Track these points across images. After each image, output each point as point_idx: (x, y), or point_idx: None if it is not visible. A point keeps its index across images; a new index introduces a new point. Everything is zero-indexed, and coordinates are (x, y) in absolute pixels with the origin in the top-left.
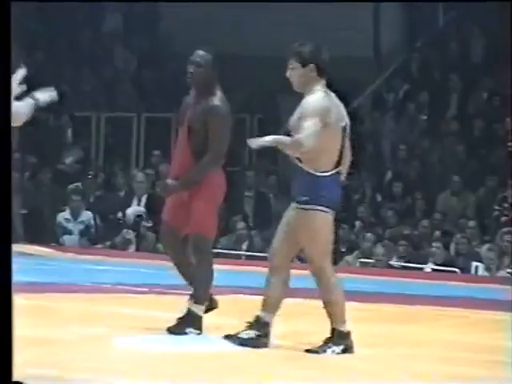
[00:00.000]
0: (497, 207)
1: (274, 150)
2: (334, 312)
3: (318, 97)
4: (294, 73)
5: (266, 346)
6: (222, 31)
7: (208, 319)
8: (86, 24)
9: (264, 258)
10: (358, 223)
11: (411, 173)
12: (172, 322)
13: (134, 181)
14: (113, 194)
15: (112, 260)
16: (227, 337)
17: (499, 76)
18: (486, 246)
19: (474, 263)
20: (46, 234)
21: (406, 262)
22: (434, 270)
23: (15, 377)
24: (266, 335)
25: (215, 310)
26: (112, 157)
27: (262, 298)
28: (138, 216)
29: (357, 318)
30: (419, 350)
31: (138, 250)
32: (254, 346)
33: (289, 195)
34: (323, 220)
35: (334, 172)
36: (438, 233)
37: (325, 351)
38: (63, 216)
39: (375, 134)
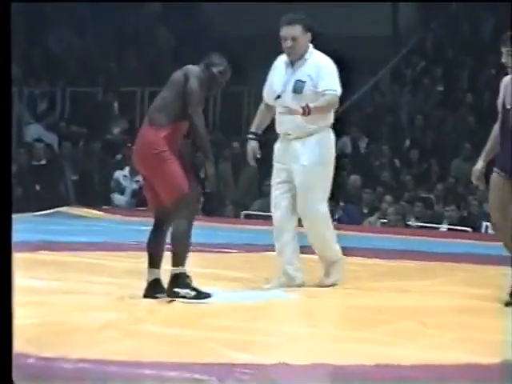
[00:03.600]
0: None
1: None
2: None
3: None
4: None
5: None
6: (256, 12)
7: (243, 273)
8: (130, 7)
9: None
10: (379, 187)
11: (427, 141)
12: (209, 278)
13: None
14: None
15: None
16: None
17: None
18: None
19: (485, 223)
20: (96, 197)
21: (423, 222)
22: (448, 229)
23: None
24: None
25: (250, 266)
26: None
27: None
28: None
29: (378, 272)
30: (433, 301)
31: None
32: None
33: None
34: None
35: None
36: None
37: None
38: (122, 173)
39: (394, 106)
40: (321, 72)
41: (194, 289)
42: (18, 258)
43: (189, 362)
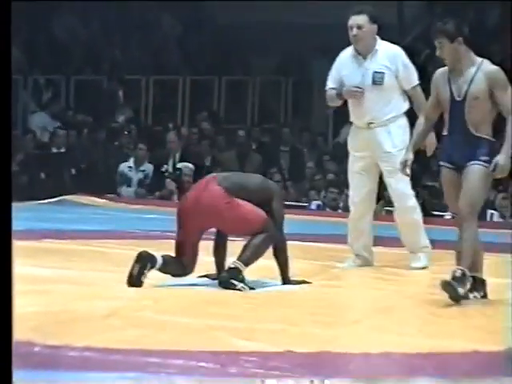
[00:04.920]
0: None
1: (307, 108)
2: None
3: (496, 67)
4: (445, 50)
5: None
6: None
7: None
8: None
9: (298, 207)
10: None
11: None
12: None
13: (168, 140)
14: (162, 149)
15: (160, 209)
16: (445, 283)
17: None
18: (500, 195)
19: (490, 211)
20: (100, 185)
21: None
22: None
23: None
24: (486, 295)
25: None
26: (159, 116)
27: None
28: (177, 169)
29: (383, 260)
30: (438, 288)
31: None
32: (458, 302)
33: (319, 150)
34: (491, 179)
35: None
36: None
37: (468, 298)
38: (126, 165)
39: None
40: (398, 62)
41: (246, 284)
42: (23, 246)
43: (194, 350)
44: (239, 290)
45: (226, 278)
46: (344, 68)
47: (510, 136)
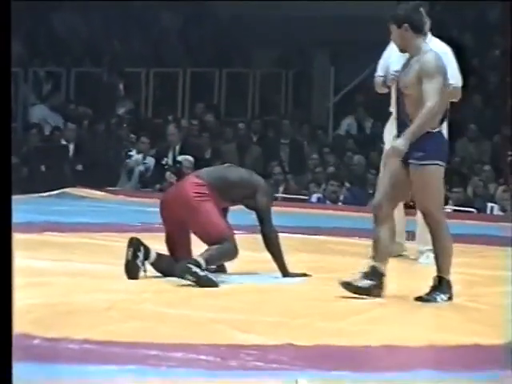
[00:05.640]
0: (510, 153)
1: (308, 101)
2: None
3: (435, 56)
4: (394, 34)
5: (380, 295)
6: None
7: (250, 255)
8: None
9: (298, 200)
10: None
11: None
12: None
13: (168, 133)
14: (162, 141)
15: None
16: (343, 284)
17: (510, 35)
18: (501, 188)
19: (490, 204)
20: (99, 178)
21: None
22: (453, 210)
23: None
24: (382, 285)
25: (257, 247)
26: (160, 108)
27: (372, 248)
28: (178, 162)
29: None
30: None
31: None
32: (369, 295)
33: (319, 142)
34: (440, 173)
35: (440, 128)
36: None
37: (435, 299)
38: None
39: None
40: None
41: (205, 273)
42: (24, 238)
43: (194, 343)
44: (198, 277)
45: (184, 264)
46: (391, 57)
47: (417, 121)
